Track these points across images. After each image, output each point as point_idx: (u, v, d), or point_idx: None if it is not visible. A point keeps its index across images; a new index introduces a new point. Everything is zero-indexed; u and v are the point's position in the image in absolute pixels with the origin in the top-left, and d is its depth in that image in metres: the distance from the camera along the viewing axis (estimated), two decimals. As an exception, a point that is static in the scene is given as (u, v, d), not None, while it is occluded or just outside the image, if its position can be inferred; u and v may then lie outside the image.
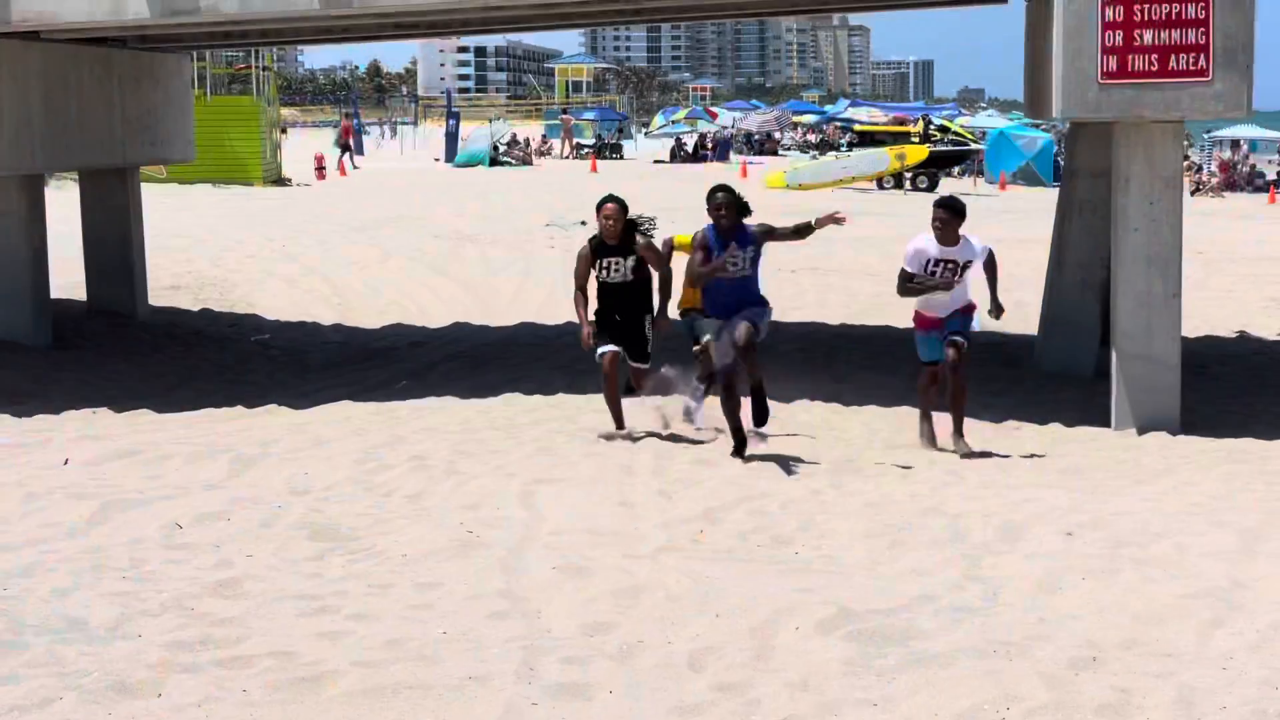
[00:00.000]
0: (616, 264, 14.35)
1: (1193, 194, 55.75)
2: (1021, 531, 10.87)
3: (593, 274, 14.45)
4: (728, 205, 13.64)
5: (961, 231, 14.38)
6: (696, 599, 9.01)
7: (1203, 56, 15.20)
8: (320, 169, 56.39)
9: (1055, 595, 9.24)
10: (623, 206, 14.34)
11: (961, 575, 9.67)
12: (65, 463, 12.89)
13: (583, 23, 24.79)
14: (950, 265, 14.32)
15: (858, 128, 69.40)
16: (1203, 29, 15.16)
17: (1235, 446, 14.94)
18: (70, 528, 10.55)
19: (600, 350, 14.28)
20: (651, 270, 14.56)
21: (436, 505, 11.53)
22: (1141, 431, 15.42)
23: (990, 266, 14.68)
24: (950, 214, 14.29)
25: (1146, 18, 15.20)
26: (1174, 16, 15.18)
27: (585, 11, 20.20)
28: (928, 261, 14.36)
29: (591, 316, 14.46)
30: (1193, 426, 15.59)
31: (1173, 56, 15.23)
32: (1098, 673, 7.67)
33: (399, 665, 7.65)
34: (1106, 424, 15.65)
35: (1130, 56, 15.25)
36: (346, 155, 67.10)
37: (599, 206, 14.45)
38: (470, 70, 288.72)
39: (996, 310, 14.45)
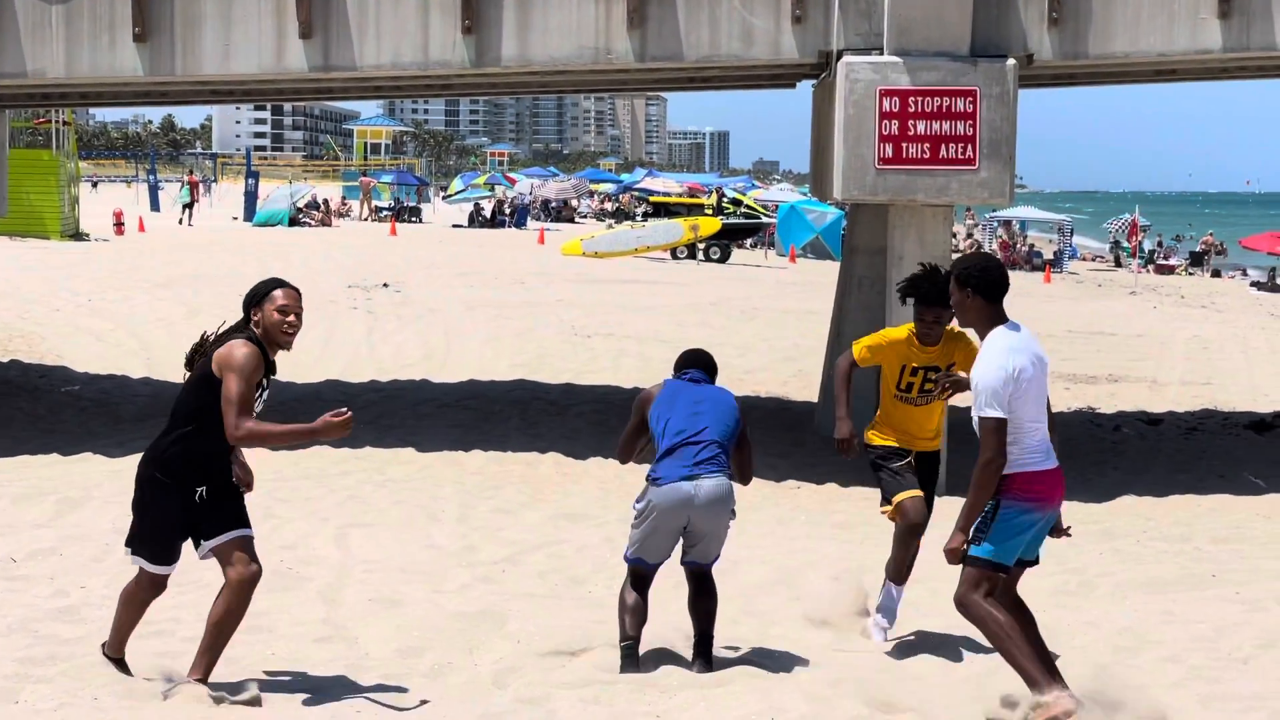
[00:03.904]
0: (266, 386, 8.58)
1: (974, 271, 57.85)
2: (794, 576, 12.01)
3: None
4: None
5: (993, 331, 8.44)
6: (499, 628, 10.00)
7: (970, 147, 16.53)
8: (119, 225, 56.43)
9: (820, 630, 10.37)
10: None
11: (738, 611, 10.77)
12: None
13: (391, 95, 25.74)
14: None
15: (653, 198, 71.03)
16: (970, 122, 16.49)
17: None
18: (-89, 560, 11.24)
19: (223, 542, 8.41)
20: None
21: (257, 545, 12.35)
22: (910, 491, 16.59)
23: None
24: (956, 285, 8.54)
25: (920, 110, 16.50)
26: (945, 110, 16.49)
27: (396, 85, 21.17)
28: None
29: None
30: (957, 487, 16.76)
31: (943, 146, 16.55)
32: (857, 693, 8.76)
33: (235, 680, 8.50)
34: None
35: (905, 145, 16.53)
36: (188, 211, 67.43)
37: (267, 291, 8.44)
38: (266, 129, 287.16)
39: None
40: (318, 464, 16.48)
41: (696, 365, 9.76)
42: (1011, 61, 16.52)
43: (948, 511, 15.44)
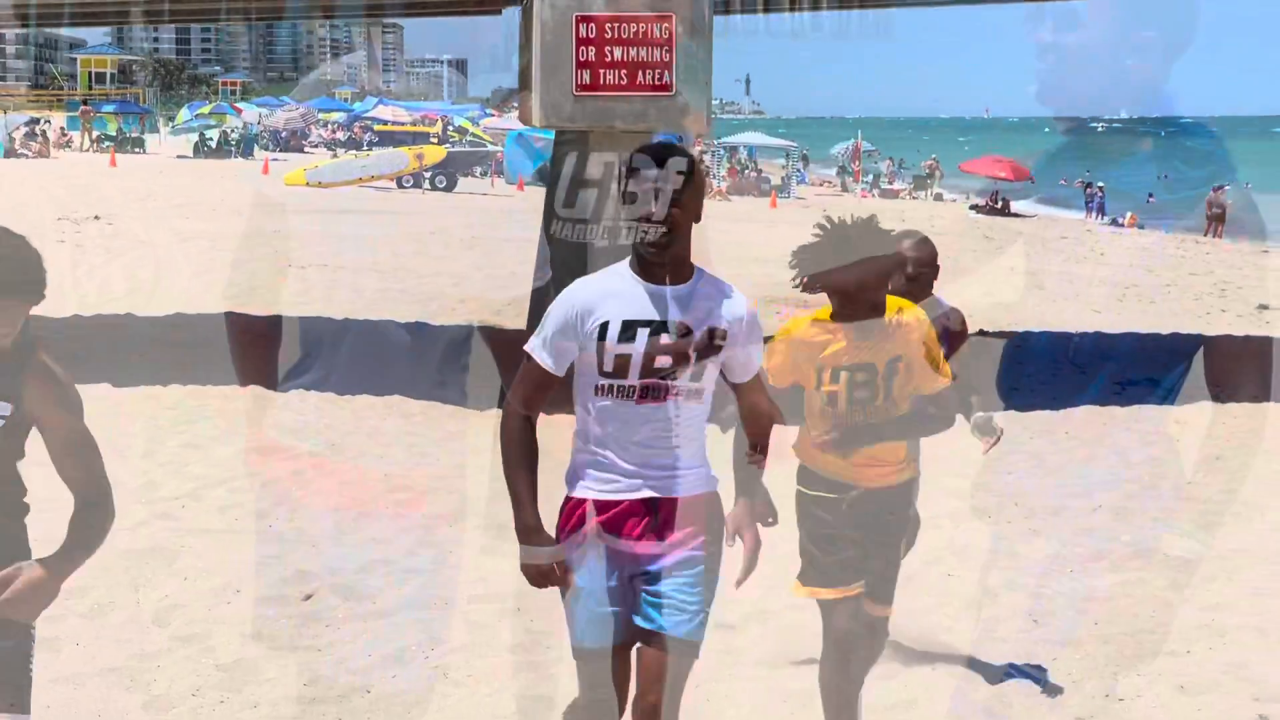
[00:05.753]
0: None
1: (701, 197, 58.22)
2: (476, 505, 11.99)
3: None
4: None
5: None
6: (169, 565, 9.83)
7: (667, 73, 16.55)
8: None
9: (497, 558, 10.35)
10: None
11: (416, 542, 10.73)
12: None
13: (52, 24, 25.02)
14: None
15: (379, 127, 70.39)
16: (667, 48, 16.50)
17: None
18: None
19: None
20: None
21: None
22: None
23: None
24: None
25: (617, 36, 16.47)
26: (641, 35, 16.48)
27: (55, 11, 20.48)
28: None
29: None
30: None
31: (640, 72, 16.54)
32: (517, 620, 8.79)
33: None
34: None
35: (602, 71, 16.49)
36: None
37: None
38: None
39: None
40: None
41: None
42: (706, -13, 16.57)
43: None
